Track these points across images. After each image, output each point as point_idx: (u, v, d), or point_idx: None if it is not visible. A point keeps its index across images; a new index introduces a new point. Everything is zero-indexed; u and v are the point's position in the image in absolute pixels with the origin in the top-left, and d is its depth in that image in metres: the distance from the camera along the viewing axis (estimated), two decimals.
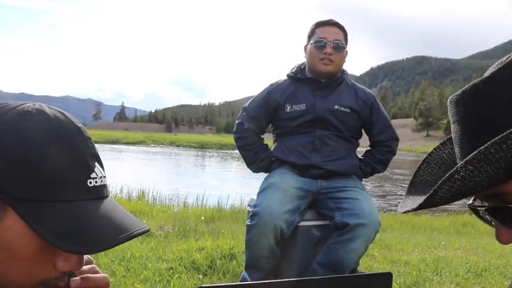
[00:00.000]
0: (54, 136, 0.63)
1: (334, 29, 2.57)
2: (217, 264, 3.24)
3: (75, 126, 0.67)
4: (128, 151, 37.37)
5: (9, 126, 0.61)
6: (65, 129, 0.66)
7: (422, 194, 0.72)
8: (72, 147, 0.65)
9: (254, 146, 2.64)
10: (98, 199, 0.67)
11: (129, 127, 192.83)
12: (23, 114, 0.63)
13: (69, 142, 0.65)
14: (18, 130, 0.61)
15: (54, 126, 0.64)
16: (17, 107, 0.64)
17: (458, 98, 0.63)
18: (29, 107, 0.65)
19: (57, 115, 0.66)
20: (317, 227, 2.48)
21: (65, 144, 0.64)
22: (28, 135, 0.61)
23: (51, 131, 0.64)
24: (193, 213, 6.24)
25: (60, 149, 0.63)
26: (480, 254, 4.48)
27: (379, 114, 2.64)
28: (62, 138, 0.64)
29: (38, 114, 0.64)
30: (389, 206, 11.52)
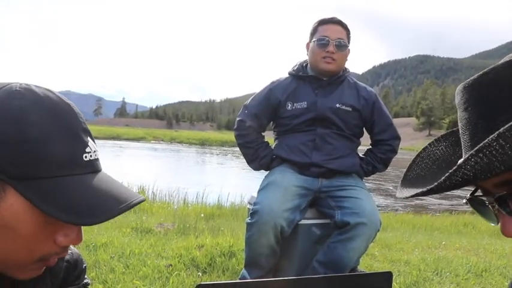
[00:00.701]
0: (47, 113, 0.64)
1: (336, 27, 2.56)
2: (216, 261, 3.23)
3: (65, 103, 0.68)
4: (128, 147, 37.39)
5: (5, 106, 0.61)
6: (56, 106, 0.66)
7: (416, 188, 0.72)
8: (66, 123, 0.66)
9: (255, 143, 2.62)
10: (94, 172, 0.69)
11: (130, 123, 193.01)
12: (13, 93, 0.63)
13: (62, 119, 0.66)
14: (11, 109, 0.61)
15: (45, 104, 0.65)
16: (3, 87, 0.64)
17: (474, 82, 0.61)
18: (17, 87, 0.64)
19: (46, 93, 0.67)
20: (317, 225, 2.47)
21: (59, 121, 0.65)
22: (22, 114, 0.61)
23: (44, 108, 0.64)
24: (193, 210, 6.24)
25: (54, 126, 0.64)
26: (481, 255, 4.47)
27: (380, 113, 2.63)
28: (54, 115, 0.65)
29: (27, 93, 0.64)
30: (390, 205, 11.51)
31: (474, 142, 0.61)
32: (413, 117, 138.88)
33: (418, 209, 10.72)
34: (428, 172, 0.77)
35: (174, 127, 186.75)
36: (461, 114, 0.64)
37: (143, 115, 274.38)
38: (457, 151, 0.76)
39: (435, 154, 0.78)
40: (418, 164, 0.79)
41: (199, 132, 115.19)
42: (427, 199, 13.56)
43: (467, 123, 0.63)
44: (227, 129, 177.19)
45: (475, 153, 0.54)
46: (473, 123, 0.61)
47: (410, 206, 11.50)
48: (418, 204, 12.17)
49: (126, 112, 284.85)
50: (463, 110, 0.64)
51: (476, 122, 0.61)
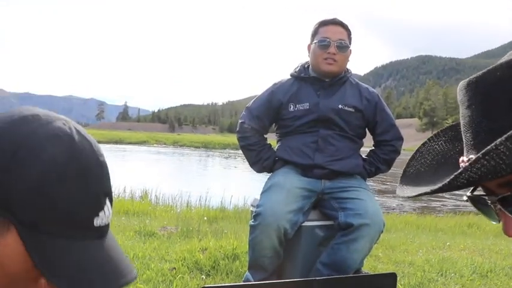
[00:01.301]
0: (76, 169, 0.62)
1: (338, 28, 2.55)
2: (220, 264, 3.23)
3: (98, 160, 0.66)
4: (131, 151, 37.44)
5: (37, 150, 0.60)
6: (87, 162, 0.64)
7: (417, 185, 0.71)
8: (90, 183, 0.64)
9: (257, 145, 2.62)
10: (100, 237, 0.66)
11: (132, 127, 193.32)
12: (52, 137, 0.61)
13: (87, 177, 0.63)
14: (44, 157, 0.59)
15: (77, 157, 0.63)
16: (48, 124, 0.63)
17: (478, 79, 0.60)
18: (60, 129, 0.63)
19: (84, 144, 0.65)
20: (321, 227, 2.46)
21: (83, 180, 0.63)
22: (51, 166, 0.60)
23: (74, 163, 0.62)
24: (196, 213, 6.24)
25: (77, 183, 0.62)
26: (485, 255, 4.45)
27: (383, 114, 2.62)
28: (82, 173, 0.63)
29: (66, 139, 0.62)
30: (394, 206, 11.49)
31: (477, 141, 0.60)
32: (415, 118, 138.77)
33: (422, 210, 10.69)
34: (428, 168, 0.76)
35: (176, 130, 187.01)
36: (464, 112, 0.64)
37: (145, 119, 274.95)
38: (456, 146, 0.75)
39: (434, 149, 0.77)
40: (417, 160, 0.78)
41: (202, 135, 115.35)
42: (430, 199, 13.52)
43: (470, 122, 0.62)
44: (229, 132, 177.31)
45: (482, 156, 0.53)
46: (477, 122, 0.60)
47: (414, 206, 11.48)
48: (422, 205, 12.15)
49: (129, 116, 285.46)
50: (466, 108, 0.63)
51: (480, 121, 0.60)
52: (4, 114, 0.65)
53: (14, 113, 0.64)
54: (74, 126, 0.66)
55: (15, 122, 0.62)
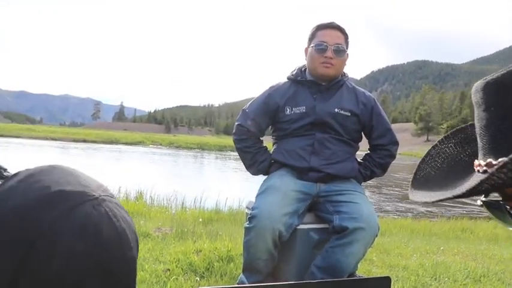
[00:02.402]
0: (97, 269, 0.57)
1: (335, 32, 2.56)
2: (214, 266, 3.22)
3: (125, 256, 0.60)
4: (126, 151, 37.35)
5: (57, 244, 0.54)
6: (111, 260, 0.59)
7: (430, 190, 0.69)
8: (110, 283, 0.59)
9: (253, 148, 2.62)
10: None
11: (128, 127, 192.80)
12: (76, 229, 0.56)
13: (109, 277, 0.58)
14: (62, 254, 0.55)
15: (101, 254, 0.57)
16: (75, 209, 0.56)
17: (498, 81, 0.58)
18: (87, 218, 0.57)
19: (111, 236, 0.59)
20: (316, 230, 2.47)
21: (104, 280, 0.58)
22: (70, 265, 0.55)
23: (95, 261, 0.57)
24: (191, 215, 6.23)
25: (96, 284, 0.57)
26: (479, 260, 4.47)
27: (379, 118, 2.63)
28: (103, 273, 0.58)
29: (91, 232, 0.57)
30: (389, 210, 11.51)
31: (495, 145, 0.58)
32: (411, 122, 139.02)
33: (416, 215, 10.71)
34: (439, 171, 0.75)
35: (172, 131, 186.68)
36: (481, 114, 0.61)
37: (141, 119, 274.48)
38: (466, 149, 0.74)
39: (445, 152, 0.76)
40: (427, 163, 0.77)
41: (198, 136, 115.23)
42: (425, 204, 13.56)
43: (488, 124, 0.60)
44: (225, 133, 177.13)
45: (509, 161, 0.51)
46: (495, 125, 0.58)
47: (408, 211, 11.50)
48: (416, 210, 12.17)
49: (125, 116, 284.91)
50: (484, 110, 0.60)
51: (499, 124, 0.58)
52: (31, 178, 0.59)
53: (41, 183, 0.58)
54: (106, 209, 0.59)
55: (36, 205, 0.56)
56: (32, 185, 0.58)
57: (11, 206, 0.56)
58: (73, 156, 27.72)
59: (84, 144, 44.96)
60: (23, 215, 0.55)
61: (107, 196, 0.61)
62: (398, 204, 13.30)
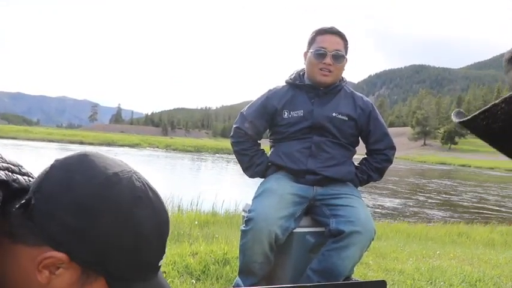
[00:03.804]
0: (157, 228, 0.70)
1: (334, 38, 2.56)
2: (210, 269, 3.22)
3: (166, 214, 0.74)
4: (123, 153, 37.29)
5: (130, 215, 0.67)
6: (162, 219, 0.72)
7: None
8: (163, 236, 0.72)
9: (251, 151, 2.63)
10: (158, 271, 0.75)
11: (125, 129, 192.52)
12: (136, 201, 0.68)
13: (162, 233, 0.72)
14: (134, 222, 0.67)
15: (157, 218, 0.70)
16: (128, 184, 0.69)
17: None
18: (139, 190, 0.69)
19: (157, 202, 0.72)
20: (312, 233, 2.47)
21: (160, 235, 0.71)
22: (141, 228, 0.67)
23: (155, 223, 0.70)
24: (188, 217, 6.22)
25: (157, 239, 0.71)
26: (475, 264, 4.48)
27: (376, 123, 2.64)
28: (160, 228, 0.71)
29: (146, 200, 0.69)
30: (385, 214, 11.52)
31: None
32: (408, 126, 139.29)
33: (412, 219, 10.73)
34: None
35: (169, 134, 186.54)
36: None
37: (138, 121, 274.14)
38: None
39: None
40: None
41: (195, 139, 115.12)
42: (422, 208, 13.58)
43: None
44: (222, 136, 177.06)
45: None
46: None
47: (404, 215, 11.52)
48: (413, 214, 12.19)
49: (122, 118, 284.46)
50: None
51: None
52: (83, 168, 0.68)
53: (92, 171, 0.68)
54: (142, 179, 0.72)
55: (102, 186, 0.66)
56: (86, 173, 0.68)
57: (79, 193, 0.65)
58: None
59: (81, 146, 44.86)
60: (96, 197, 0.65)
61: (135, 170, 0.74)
62: (394, 207, 13.31)
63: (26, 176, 0.73)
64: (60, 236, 0.64)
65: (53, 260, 0.63)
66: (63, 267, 0.64)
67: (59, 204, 0.65)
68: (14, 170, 0.71)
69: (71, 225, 0.64)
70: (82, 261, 0.64)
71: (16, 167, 0.72)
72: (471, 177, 34.89)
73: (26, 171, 0.73)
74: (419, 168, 48.26)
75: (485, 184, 27.70)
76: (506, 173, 49.17)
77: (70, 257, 0.64)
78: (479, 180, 31.26)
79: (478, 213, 13.20)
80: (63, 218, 0.64)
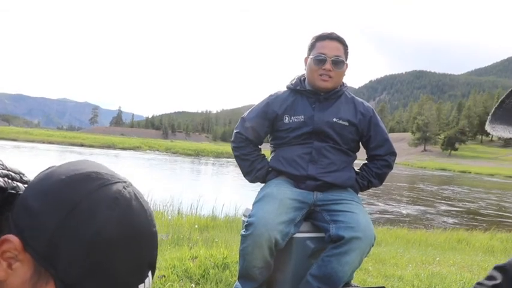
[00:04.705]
0: (127, 236, 0.63)
1: (334, 43, 2.56)
2: (210, 273, 3.22)
3: (150, 230, 0.67)
4: (123, 156, 37.29)
5: (93, 211, 0.61)
6: (140, 231, 0.65)
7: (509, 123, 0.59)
8: (138, 252, 0.64)
9: (251, 156, 2.63)
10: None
11: (126, 132, 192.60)
12: (110, 200, 0.63)
13: (137, 247, 0.64)
14: (98, 220, 0.61)
15: (132, 225, 0.64)
16: (109, 186, 0.64)
17: None
18: (119, 193, 0.64)
19: (140, 212, 0.66)
20: (312, 239, 2.47)
21: (132, 248, 0.63)
22: (104, 230, 0.61)
23: (127, 229, 0.63)
24: (188, 221, 6.22)
25: (126, 251, 0.63)
26: (475, 271, 4.47)
27: (377, 128, 2.64)
28: (132, 241, 0.63)
29: (123, 204, 0.63)
30: (385, 220, 11.50)
31: None
32: (408, 132, 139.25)
33: (412, 225, 10.71)
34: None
35: (169, 137, 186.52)
36: None
37: (139, 124, 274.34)
38: None
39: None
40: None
41: (195, 142, 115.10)
42: (422, 214, 13.56)
43: None
44: (223, 140, 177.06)
45: None
46: None
47: (404, 221, 11.50)
48: (412, 220, 12.17)
49: (122, 121, 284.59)
50: None
51: None
52: (70, 164, 0.67)
53: (79, 166, 0.66)
54: (133, 191, 0.67)
55: (77, 178, 0.64)
56: (70, 167, 0.66)
57: (53, 181, 0.64)
58: (70, 160, 27.55)
59: (81, 148, 44.87)
60: (67, 185, 0.63)
61: (131, 183, 0.69)
62: (395, 213, 13.29)
63: (26, 184, 0.70)
64: (20, 219, 0.62)
65: (8, 246, 0.60)
66: (19, 259, 0.61)
67: (30, 189, 0.64)
68: (14, 177, 0.69)
69: (31, 209, 0.61)
70: (34, 251, 0.60)
71: (17, 175, 0.70)
72: (477, 184, 34.85)
73: (27, 179, 0.72)
74: (420, 174, 48.18)
75: (494, 191, 27.75)
76: (506, 179, 49.13)
77: (23, 244, 0.60)
78: (487, 187, 31.24)
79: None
80: (27, 201, 0.62)
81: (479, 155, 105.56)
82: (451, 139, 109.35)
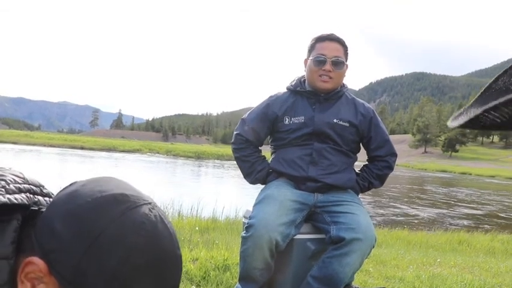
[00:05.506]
0: (153, 261, 0.62)
1: (334, 44, 2.56)
2: (210, 275, 3.21)
3: (175, 253, 0.66)
4: (124, 159, 37.28)
5: (120, 237, 0.60)
6: (165, 255, 0.64)
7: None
8: (162, 276, 0.64)
9: (251, 157, 2.63)
10: None
11: (126, 135, 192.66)
12: (137, 225, 0.62)
13: (162, 271, 0.63)
14: (125, 246, 0.60)
15: (157, 249, 0.63)
16: (135, 208, 0.63)
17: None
18: (146, 217, 0.63)
19: (165, 235, 0.65)
20: (312, 240, 2.47)
21: (158, 272, 0.63)
22: (130, 256, 0.60)
23: (152, 254, 0.62)
24: (188, 223, 6.21)
25: (151, 276, 0.62)
26: (475, 273, 4.47)
27: (377, 129, 2.64)
28: (158, 265, 0.63)
29: (149, 229, 0.63)
30: (385, 222, 11.49)
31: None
32: (409, 134, 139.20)
33: (413, 226, 10.70)
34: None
35: (170, 140, 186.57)
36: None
37: (139, 127, 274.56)
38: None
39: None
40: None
41: (195, 145, 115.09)
42: (421, 214, 13.55)
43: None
44: (223, 142, 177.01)
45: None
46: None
47: (404, 223, 11.48)
48: (412, 222, 12.16)
49: (123, 124, 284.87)
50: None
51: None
52: (96, 184, 0.65)
53: (104, 187, 0.64)
54: (159, 213, 0.66)
55: (104, 201, 0.62)
56: (95, 188, 0.64)
57: (79, 203, 0.62)
58: (71, 163, 27.67)
59: (82, 151, 44.87)
60: (93, 209, 0.61)
61: (156, 204, 0.68)
62: (395, 215, 13.28)
63: (47, 197, 0.70)
64: (46, 242, 0.61)
65: (33, 268, 0.60)
66: (44, 281, 0.60)
67: (55, 210, 0.63)
68: (35, 191, 0.68)
69: (57, 232, 0.60)
70: (60, 275, 0.59)
71: (37, 188, 0.69)
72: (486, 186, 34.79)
73: (47, 192, 0.71)
74: (420, 176, 48.15)
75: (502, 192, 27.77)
76: (507, 181, 49.09)
77: (49, 268, 0.60)
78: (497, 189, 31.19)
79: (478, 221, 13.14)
80: (53, 224, 0.61)
81: (480, 156, 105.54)
82: (451, 141, 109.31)
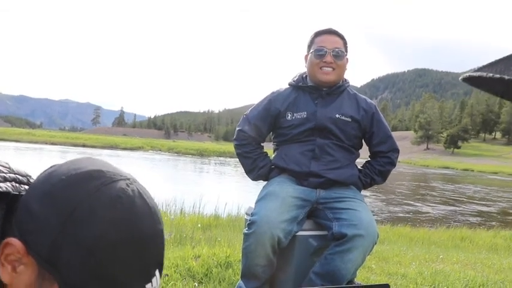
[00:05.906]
0: (131, 237, 0.60)
1: (333, 37, 2.57)
2: (213, 272, 3.21)
3: (156, 228, 0.64)
4: (125, 157, 37.32)
5: (95, 212, 0.59)
6: (144, 230, 0.62)
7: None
8: (142, 252, 0.62)
9: (253, 153, 2.63)
10: None
11: (128, 132, 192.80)
12: (112, 199, 0.61)
13: (141, 246, 0.62)
14: (101, 220, 0.59)
15: (135, 224, 0.61)
16: (112, 183, 0.62)
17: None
18: (122, 191, 0.62)
19: (144, 209, 0.63)
20: (315, 237, 2.46)
21: (137, 248, 0.61)
22: (107, 231, 0.59)
23: (130, 229, 0.61)
24: (190, 221, 6.23)
25: (130, 252, 0.61)
26: (478, 269, 4.46)
27: (379, 125, 2.63)
28: (136, 241, 0.61)
29: (126, 203, 0.61)
30: (387, 218, 11.49)
31: None
32: (411, 130, 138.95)
33: (415, 223, 10.70)
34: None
35: (172, 137, 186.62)
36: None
37: (141, 124, 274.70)
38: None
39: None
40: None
41: (197, 142, 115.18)
42: (422, 211, 13.55)
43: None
44: (225, 140, 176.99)
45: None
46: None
47: (407, 219, 11.48)
48: (415, 218, 12.15)
49: (124, 121, 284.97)
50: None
51: None
52: (71, 163, 0.65)
53: (79, 165, 0.65)
54: (137, 187, 0.64)
55: (78, 178, 0.62)
56: (71, 166, 0.65)
57: (54, 182, 0.62)
58: None
59: (84, 148, 44.95)
60: (67, 186, 0.61)
61: (135, 180, 0.67)
62: (397, 211, 13.28)
63: None
64: (23, 222, 0.61)
65: (11, 250, 0.60)
66: (23, 262, 0.60)
67: (32, 192, 0.63)
68: (21, 180, 0.68)
69: (32, 212, 0.60)
70: (36, 253, 0.59)
71: (24, 177, 0.69)
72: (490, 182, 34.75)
73: None
74: (421, 172, 48.11)
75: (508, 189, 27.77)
76: (509, 177, 49.01)
77: (27, 248, 0.60)
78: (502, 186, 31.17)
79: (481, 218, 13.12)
80: (29, 204, 0.61)
81: (482, 153, 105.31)
82: (453, 137, 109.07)
